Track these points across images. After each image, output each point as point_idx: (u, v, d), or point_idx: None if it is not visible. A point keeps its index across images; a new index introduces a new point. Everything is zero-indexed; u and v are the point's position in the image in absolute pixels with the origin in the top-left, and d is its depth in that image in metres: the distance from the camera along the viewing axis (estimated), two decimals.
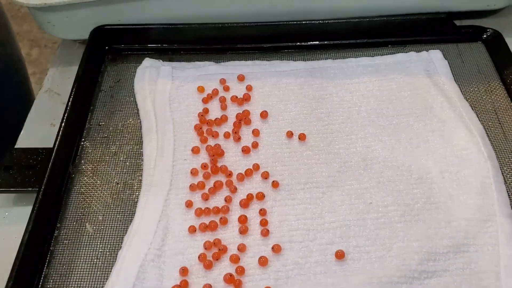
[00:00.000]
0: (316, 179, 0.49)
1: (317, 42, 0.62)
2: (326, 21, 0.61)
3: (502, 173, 0.49)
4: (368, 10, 0.61)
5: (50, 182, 0.48)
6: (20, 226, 0.46)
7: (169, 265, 0.43)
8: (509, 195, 0.47)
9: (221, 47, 0.62)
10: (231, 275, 0.42)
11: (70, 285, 0.43)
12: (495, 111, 0.55)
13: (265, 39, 0.61)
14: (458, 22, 0.62)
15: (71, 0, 0.57)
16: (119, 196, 0.49)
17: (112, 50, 0.62)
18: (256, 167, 0.50)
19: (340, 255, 0.43)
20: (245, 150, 0.51)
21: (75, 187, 0.50)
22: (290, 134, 0.53)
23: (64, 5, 0.58)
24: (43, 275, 0.44)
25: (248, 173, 0.49)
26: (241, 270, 0.42)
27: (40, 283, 0.43)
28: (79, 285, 0.43)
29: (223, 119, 0.54)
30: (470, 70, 0.59)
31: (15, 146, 0.55)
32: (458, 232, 0.44)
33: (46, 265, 0.44)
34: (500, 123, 0.53)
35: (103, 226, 0.47)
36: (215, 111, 0.56)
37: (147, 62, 0.60)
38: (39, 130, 0.57)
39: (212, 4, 0.60)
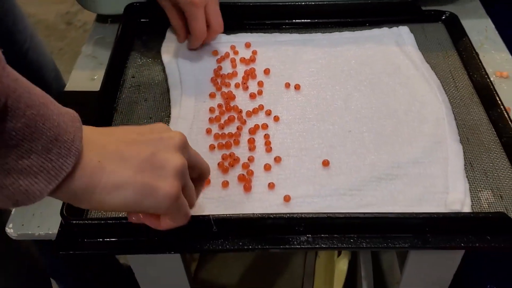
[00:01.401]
0: (308, 115, 0.62)
1: (309, 20, 0.76)
2: (317, 3, 0.75)
3: (453, 112, 0.62)
4: None
5: (100, 110, 0.61)
6: None
7: None
8: (458, 128, 0.61)
9: (231, 23, 0.75)
10: (243, 175, 0.55)
11: None
12: (450, 71, 0.69)
13: (266, 17, 0.75)
14: (424, 7, 0.77)
15: None
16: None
17: (141, 22, 0.75)
18: (261, 107, 0.63)
19: (325, 163, 0.56)
20: (252, 96, 0.65)
21: (115, 121, 0.62)
22: (287, 85, 0.66)
23: None
24: None
25: (255, 111, 0.63)
26: (250, 173, 0.55)
27: None
28: None
29: (234, 74, 0.68)
30: (431, 43, 0.73)
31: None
32: (417, 149, 0.57)
33: None
34: (453, 79, 0.67)
35: None
36: (227, 69, 0.69)
37: (170, 31, 0.73)
38: (82, 83, 0.70)
39: None
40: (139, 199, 0.40)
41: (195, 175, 0.48)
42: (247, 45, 0.72)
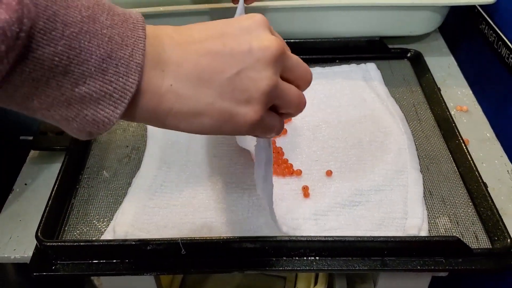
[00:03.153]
0: (276, 144, 0.65)
1: None
2: (288, 41, 0.79)
3: (415, 143, 0.66)
4: (321, 34, 0.80)
5: (76, 141, 0.63)
6: (53, 174, 0.61)
7: (166, 196, 0.58)
8: (419, 158, 0.64)
9: None
10: None
11: (90, 211, 0.58)
12: (414, 105, 0.73)
13: None
14: (391, 45, 0.81)
15: None
16: (128, 154, 0.65)
17: None
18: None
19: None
20: None
21: (93, 150, 0.65)
22: None
23: None
24: (70, 204, 0.59)
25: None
26: None
27: (68, 210, 0.58)
28: (97, 212, 0.58)
29: None
30: (397, 79, 0.77)
31: None
32: (379, 177, 0.60)
33: (73, 196, 0.59)
34: (416, 112, 0.71)
35: (117, 173, 0.62)
36: None
37: None
38: None
39: None
40: (217, 126, 0.36)
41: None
42: None
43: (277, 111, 0.39)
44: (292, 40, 0.79)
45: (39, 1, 0.29)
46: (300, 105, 0.40)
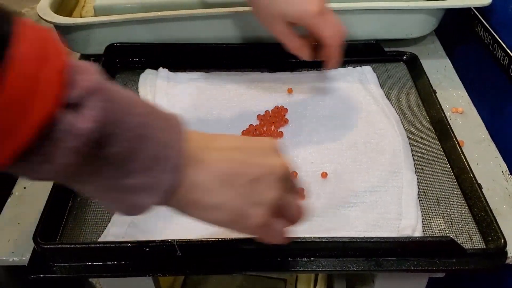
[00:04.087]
0: None
1: (280, 59, 0.80)
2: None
3: (410, 144, 0.66)
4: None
5: None
6: None
7: None
8: (414, 159, 0.65)
9: (205, 63, 0.80)
10: None
11: (88, 214, 0.59)
12: (409, 107, 0.73)
13: (237, 58, 0.80)
14: (387, 48, 0.82)
15: (92, 20, 0.76)
16: None
17: (121, 62, 0.80)
18: None
19: None
20: None
21: None
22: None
23: (85, 25, 0.76)
24: (68, 207, 0.59)
25: None
26: None
27: (66, 213, 0.59)
28: (95, 214, 0.59)
29: None
30: (393, 81, 0.78)
31: None
32: (373, 178, 0.61)
33: (71, 199, 0.60)
34: (411, 114, 0.72)
35: None
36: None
37: (149, 71, 0.78)
38: None
39: (199, 31, 0.79)
40: (230, 221, 0.42)
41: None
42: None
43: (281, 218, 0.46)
44: None
45: (107, 107, 0.33)
46: (299, 214, 0.47)
